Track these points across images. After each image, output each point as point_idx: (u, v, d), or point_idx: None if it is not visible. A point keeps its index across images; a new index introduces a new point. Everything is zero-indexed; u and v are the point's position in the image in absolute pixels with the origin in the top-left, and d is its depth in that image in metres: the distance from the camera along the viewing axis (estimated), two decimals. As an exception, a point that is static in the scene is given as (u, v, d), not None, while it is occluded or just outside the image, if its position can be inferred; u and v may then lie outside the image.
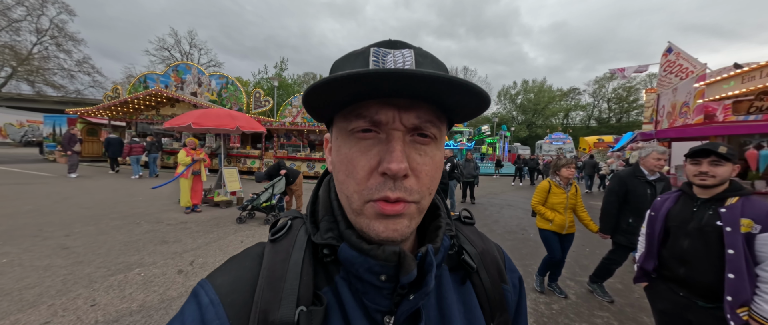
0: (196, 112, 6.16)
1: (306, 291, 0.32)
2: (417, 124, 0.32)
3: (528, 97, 45.74)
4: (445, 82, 0.27)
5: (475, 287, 0.42)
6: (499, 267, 0.46)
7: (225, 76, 14.21)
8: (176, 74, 14.17)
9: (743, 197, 1.33)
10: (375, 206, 0.32)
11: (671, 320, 1.51)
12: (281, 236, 0.38)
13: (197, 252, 3.72)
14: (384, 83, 0.27)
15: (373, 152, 0.32)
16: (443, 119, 0.34)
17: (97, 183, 8.35)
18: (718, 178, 1.36)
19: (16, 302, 2.42)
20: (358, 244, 0.33)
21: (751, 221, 1.26)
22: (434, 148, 0.34)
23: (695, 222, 1.41)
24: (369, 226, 0.33)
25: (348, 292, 0.35)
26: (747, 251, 1.26)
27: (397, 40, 0.36)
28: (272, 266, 0.34)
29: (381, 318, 0.34)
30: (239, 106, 13.57)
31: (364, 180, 0.32)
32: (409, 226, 0.33)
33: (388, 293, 0.34)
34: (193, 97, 13.08)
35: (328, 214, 0.38)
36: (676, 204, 1.53)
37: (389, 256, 0.32)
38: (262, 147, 12.51)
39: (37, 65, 24.82)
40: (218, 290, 0.33)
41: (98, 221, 4.77)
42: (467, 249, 0.43)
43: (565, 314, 2.66)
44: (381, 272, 0.33)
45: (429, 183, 0.34)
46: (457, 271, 0.42)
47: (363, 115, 0.32)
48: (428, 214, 0.42)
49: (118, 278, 2.94)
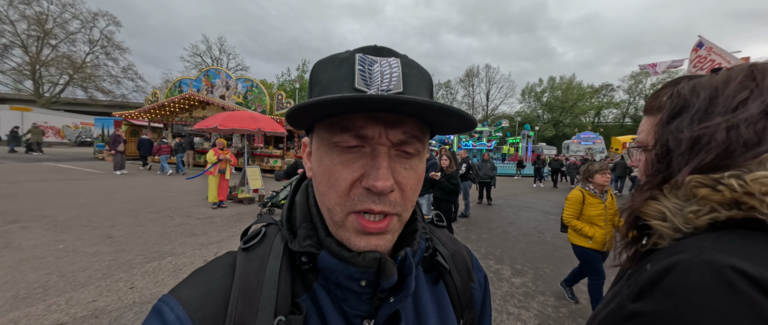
0: (223, 115, 6.61)
1: (284, 301, 0.32)
2: (402, 140, 0.32)
3: (555, 94, 43.64)
4: (436, 109, 0.27)
5: (447, 287, 0.43)
6: (468, 267, 0.47)
7: (250, 80, 14.99)
8: (207, 78, 15.15)
9: None
10: (357, 220, 0.32)
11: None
12: (255, 244, 0.37)
13: (221, 244, 4.04)
14: (375, 103, 0.27)
15: (357, 165, 0.32)
16: (427, 132, 0.35)
17: (137, 180, 9.19)
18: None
19: (70, 282, 2.80)
20: (338, 252, 0.33)
21: None
22: (418, 161, 0.34)
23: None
24: (350, 240, 0.32)
25: (327, 299, 0.35)
26: None
27: (382, 47, 0.35)
28: (246, 276, 0.33)
29: (360, 322, 0.34)
30: (263, 108, 14.26)
31: (346, 192, 0.32)
32: (392, 240, 0.34)
33: (367, 297, 0.34)
34: (222, 100, 13.93)
35: (306, 221, 0.37)
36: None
37: (370, 262, 0.32)
38: (284, 147, 13.06)
39: (90, 72, 27.58)
40: (186, 305, 0.31)
41: (138, 213, 5.30)
42: (440, 251, 0.44)
43: (572, 318, 2.61)
44: (361, 278, 0.33)
45: (412, 196, 0.34)
46: (430, 272, 0.43)
47: (349, 128, 0.31)
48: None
49: (153, 265, 3.29)
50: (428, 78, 0.37)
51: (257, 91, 14.56)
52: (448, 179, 4.37)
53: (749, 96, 0.40)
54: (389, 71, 0.32)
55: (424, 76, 0.36)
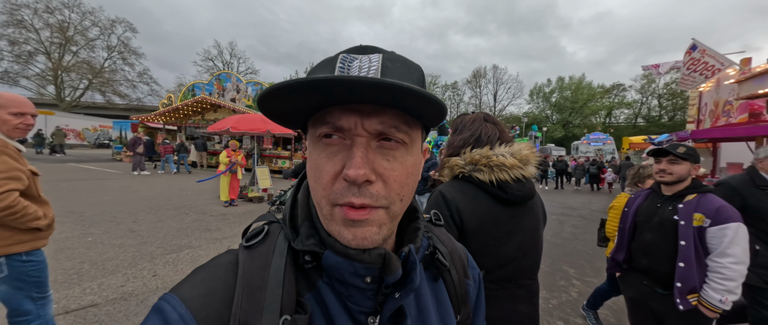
0: (234, 118, 6.95)
1: (289, 299, 0.31)
2: (380, 130, 0.32)
3: (564, 95, 43.02)
4: (383, 87, 0.27)
5: (446, 284, 0.45)
6: (464, 265, 0.49)
7: (260, 83, 15.43)
8: (218, 82, 15.68)
9: (700, 194, 1.44)
10: (341, 211, 0.31)
11: (638, 307, 1.64)
12: (258, 243, 0.36)
13: (233, 239, 4.31)
14: (337, 90, 0.27)
15: (338, 158, 0.32)
16: (414, 124, 0.34)
17: (155, 179, 9.64)
18: (675, 175, 1.48)
19: (100, 270, 3.10)
20: (343, 250, 0.32)
21: (702, 216, 1.38)
22: (405, 153, 0.34)
23: (658, 217, 1.53)
24: (340, 234, 0.32)
25: (332, 296, 0.35)
26: (698, 242, 1.38)
27: (368, 46, 0.36)
28: (250, 275, 0.33)
29: (365, 319, 0.34)
30: (272, 111, 14.67)
31: (330, 185, 0.32)
32: (380, 232, 0.33)
33: (372, 293, 0.35)
34: (232, 103, 14.41)
35: (307, 219, 0.37)
36: (645, 201, 1.65)
37: (375, 259, 0.33)
38: (292, 148, 13.41)
39: (108, 77, 28.75)
40: (188, 304, 0.30)
41: (157, 210, 5.64)
42: (440, 249, 0.46)
43: (562, 309, 2.74)
44: (366, 275, 0.33)
45: (399, 189, 0.33)
46: (430, 269, 0.44)
47: (327, 121, 0.32)
48: (406, 216, 0.42)
49: (173, 256, 3.57)
50: (416, 71, 0.36)
51: (266, 94, 15.00)
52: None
53: (466, 128, 1.07)
54: (368, 65, 0.32)
55: (411, 69, 0.36)
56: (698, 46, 5.17)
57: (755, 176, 1.90)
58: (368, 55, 0.34)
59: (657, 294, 1.51)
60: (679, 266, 1.39)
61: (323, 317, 0.34)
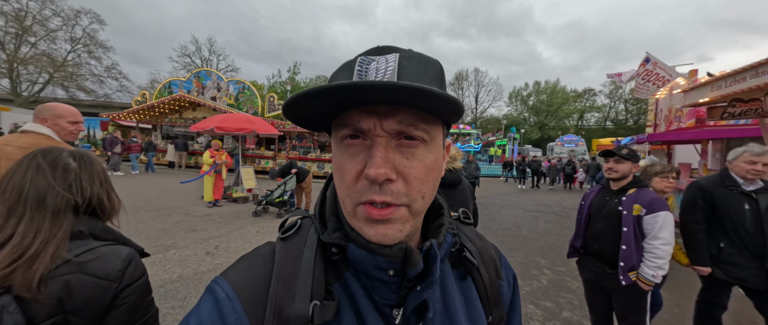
0: (218, 117, 6.85)
1: (318, 287, 0.34)
2: (399, 129, 0.32)
3: (540, 98, 45.18)
4: (396, 89, 0.27)
5: (475, 283, 0.44)
6: (496, 265, 0.48)
7: (242, 82, 15.10)
8: (198, 80, 15.17)
9: (639, 188, 1.74)
10: (364, 210, 0.33)
11: (592, 286, 1.92)
12: (291, 235, 0.39)
13: (220, 239, 4.32)
14: (354, 95, 0.29)
15: (360, 158, 0.33)
16: (433, 120, 0.34)
17: (131, 180, 9.23)
18: (619, 172, 1.77)
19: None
20: (365, 244, 0.34)
21: (640, 206, 1.67)
22: (425, 150, 0.34)
23: (606, 208, 1.82)
24: (362, 230, 0.34)
25: (359, 287, 0.36)
26: (637, 228, 1.67)
27: (385, 46, 0.36)
28: (285, 263, 0.35)
29: (390, 311, 0.36)
30: (255, 110, 14.40)
31: (353, 184, 0.33)
32: (402, 230, 0.34)
33: (395, 287, 0.36)
34: (213, 102, 14.01)
35: (333, 215, 0.39)
36: (597, 195, 1.94)
37: (396, 252, 0.34)
38: (275, 148, 13.25)
39: (71, 71, 26.82)
40: (233, 286, 0.34)
41: (137, 212, 5.48)
42: (468, 247, 0.45)
43: (533, 295, 3.04)
44: (389, 268, 0.34)
45: (419, 186, 0.34)
46: (458, 267, 0.44)
47: (347, 123, 0.33)
48: (431, 213, 0.43)
49: (160, 256, 3.55)
50: (435, 67, 0.37)
51: (249, 93, 14.69)
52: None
53: None
54: (384, 66, 0.33)
55: (428, 65, 0.36)
56: (651, 58, 5.80)
57: (725, 177, 1.98)
58: (385, 55, 0.35)
59: (606, 273, 1.79)
60: (622, 249, 1.68)
61: (350, 306, 0.36)
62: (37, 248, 0.62)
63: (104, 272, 0.66)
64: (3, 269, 0.58)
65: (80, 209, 0.74)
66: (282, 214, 5.85)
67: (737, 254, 1.85)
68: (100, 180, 0.80)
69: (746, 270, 1.80)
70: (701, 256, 1.95)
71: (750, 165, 1.86)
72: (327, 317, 0.32)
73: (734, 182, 1.92)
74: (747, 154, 1.89)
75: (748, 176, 1.87)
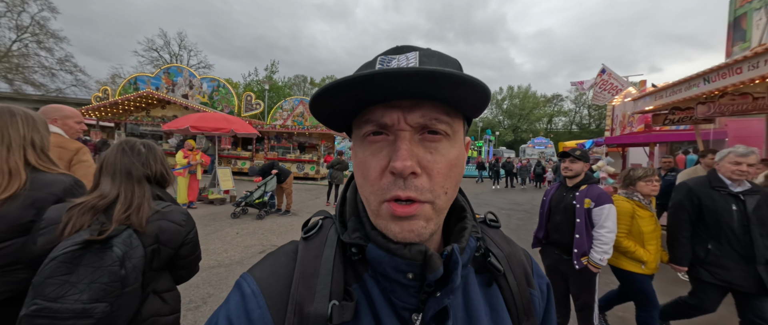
0: (194, 116, 6.61)
1: (337, 287, 0.34)
2: (423, 123, 0.32)
3: (513, 102, 47.51)
4: (424, 75, 0.27)
5: (502, 290, 0.42)
6: (526, 271, 0.46)
7: (216, 80, 14.55)
8: (167, 76, 14.40)
9: (589, 185, 2.01)
10: (389, 208, 0.33)
11: (552, 272, 2.17)
12: (312, 235, 0.40)
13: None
14: (379, 86, 0.29)
15: (383, 154, 0.33)
16: (455, 115, 0.35)
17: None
18: (573, 171, 2.04)
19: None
20: (384, 244, 0.34)
21: (590, 200, 1.94)
22: (448, 145, 0.34)
23: (563, 203, 2.08)
24: (387, 228, 0.34)
25: (377, 290, 0.36)
26: (587, 219, 1.93)
27: (404, 46, 0.36)
28: (305, 262, 0.36)
29: (409, 316, 0.35)
30: (230, 109, 13.92)
31: (377, 180, 0.33)
32: (427, 227, 0.33)
33: (415, 291, 0.35)
34: (185, 100, 13.35)
35: (354, 215, 0.39)
36: (556, 191, 2.20)
37: (415, 255, 0.33)
38: (253, 149, 12.90)
39: (17, 63, 24.24)
40: (258, 282, 0.36)
41: (101, 215, 5.17)
42: (494, 252, 0.43)
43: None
44: (408, 271, 0.34)
45: (442, 181, 0.34)
46: (483, 273, 0.42)
47: (370, 119, 0.33)
48: (454, 216, 0.42)
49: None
50: (455, 64, 0.37)
51: (224, 91, 14.19)
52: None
53: None
54: (405, 62, 0.33)
55: (448, 62, 0.36)
56: (606, 70, 6.46)
57: (713, 178, 1.96)
58: (405, 53, 0.35)
59: (563, 260, 2.05)
60: (576, 238, 1.93)
61: (368, 307, 0.36)
62: (139, 202, 0.96)
63: (177, 221, 1.03)
64: (123, 215, 0.92)
65: (151, 179, 1.07)
66: (262, 215, 5.77)
67: (724, 256, 1.85)
68: (160, 160, 1.12)
69: (733, 272, 1.81)
70: (680, 255, 1.99)
71: (735, 166, 1.86)
72: (345, 317, 0.32)
73: (722, 184, 1.91)
74: (732, 155, 1.88)
75: (734, 176, 1.87)
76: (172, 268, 1.08)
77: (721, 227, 1.87)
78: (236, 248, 4.12)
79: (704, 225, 1.96)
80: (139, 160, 1.05)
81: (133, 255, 0.88)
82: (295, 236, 4.91)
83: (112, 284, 0.81)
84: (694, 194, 1.98)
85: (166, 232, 0.99)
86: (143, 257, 0.91)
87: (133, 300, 0.88)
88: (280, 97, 26.22)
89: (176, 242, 1.02)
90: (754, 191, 1.87)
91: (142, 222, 0.93)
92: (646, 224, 2.01)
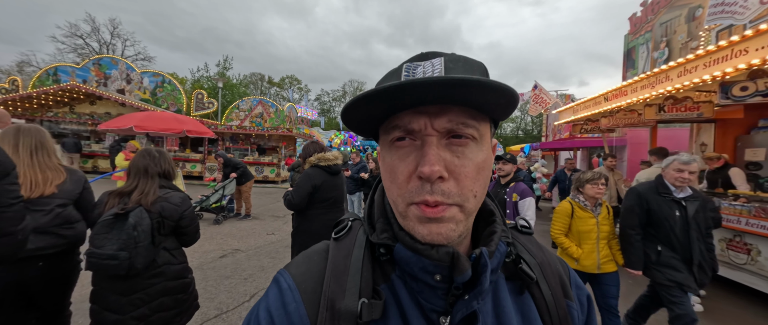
0: (139, 115, 6.07)
1: (366, 286, 0.35)
2: (449, 128, 0.33)
3: (468, 108, 51.00)
4: (450, 84, 0.28)
5: (535, 299, 0.41)
6: (562, 281, 0.44)
7: (160, 74, 13.27)
8: (98, 68, 12.72)
9: (516, 182, 2.51)
10: (417, 210, 0.33)
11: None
12: (342, 236, 0.42)
13: (149, 249, 3.96)
14: (406, 95, 0.30)
15: (411, 158, 0.34)
16: (482, 118, 0.35)
17: None
18: (504, 171, 2.52)
19: None
20: (412, 244, 0.34)
21: (516, 195, 2.42)
22: (475, 149, 0.35)
23: (498, 197, 2.55)
24: (414, 229, 0.34)
25: (405, 290, 0.37)
26: (515, 211, 2.41)
27: (429, 52, 0.37)
28: (336, 261, 0.38)
29: (437, 318, 0.35)
30: (178, 108, 12.81)
31: (405, 184, 0.34)
32: (455, 230, 0.34)
33: (442, 293, 0.35)
34: (120, 95, 11.93)
35: (382, 216, 0.40)
36: (493, 188, 2.68)
37: (443, 256, 0.33)
38: (204, 151, 12.03)
39: None
40: (294, 278, 0.38)
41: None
42: (525, 258, 0.42)
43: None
44: (435, 272, 0.34)
45: (471, 185, 0.34)
46: (514, 280, 0.42)
47: (398, 125, 0.34)
48: (483, 220, 0.42)
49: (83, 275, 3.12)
50: (479, 68, 0.37)
51: (170, 87, 13.00)
52: (375, 179, 5.28)
53: (310, 148, 2.45)
54: (431, 69, 0.34)
55: (473, 67, 0.37)
56: (538, 85, 7.63)
57: (660, 184, 2.07)
58: (430, 60, 0.36)
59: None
60: (506, 224, 2.39)
61: (396, 307, 0.36)
62: (148, 190, 1.43)
63: (175, 202, 1.48)
64: (137, 198, 1.39)
65: (161, 174, 1.53)
66: (219, 220, 5.55)
67: (673, 258, 1.97)
68: (168, 162, 1.59)
69: (683, 273, 1.95)
70: (633, 259, 2.06)
71: (678, 173, 1.96)
72: (374, 315, 0.33)
73: (667, 190, 2.02)
74: (676, 163, 1.98)
75: (677, 183, 1.97)
76: (177, 234, 1.54)
77: (666, 231, 1.99)
78: (194, 253, 3.97)
79: (653, 229, 2.06)
80: (152, 161, 1.51)
81: (142, 224, 1.34)
82: (259, 240, 4.90)
83: (129, 241, 1.28)
84: (643, 199, 2.09)
85: (167, 209, 1.45)
86: (150, 225, 1.36)
87: (146, 252, 1.34)
88: (235, 96, 24.64)
89: (175, 217, 1.47)
90: (695, 197, 2.01)
91: (148, 203, 1.40)
92: (583, 225, 2.14)
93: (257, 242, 4.62)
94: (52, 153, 1.53)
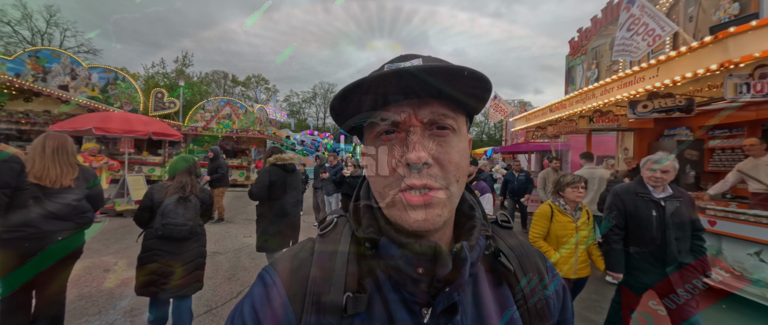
0: (97, 115, 5.69)
1: (351, 280, 0.37)
2: (432, 119, 0.36)
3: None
4: (432, 71, 0.30)
5: (512, 290, 0.43)
6: (540, 272, 0.45)
7: (112, 70, 12.18)
8: (35, 62, 11.32)
9: (477, 181, 2.98)
10: (403, 197, 0.35)
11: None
12: (328, 232, 0.43)
13: (119, 255, 3.82)
14: (389, 86, 0.32)
15: (398, 149, 0.36)
16: (459, 111, 0.38)
17: None
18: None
19: None
20: (396, 238, 0.36)
21: (478, 192, 2.89)
22: (455, 139, 0.38)
23: (463, 194, 2.99)
24: (401, 217, 0.36)
25: (388, 283, 0.38)
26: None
27: (408, 54, 0.39)
28: (321, 256, 0.39)
29: (419, 310, 0.37)
30: (133, 107, 11.86)
31: (392, 173, 0.36)
32: (441, 215, 0.35)
33: (425, 285, 0.37)
34: (64, 92, 10.74)
35: (368, 212, 0.42)
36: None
37: (425, 249, 0.35)
38: (164, 153, 11.28)
39: None
40: (280, 274, 0.39)
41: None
42: (504, 251, 0.44)
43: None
44: (418, 265, 0.36)
45: (454, 171, 0.37)
46: (493, 272, 0.43)
47: (384, 118, 0.36)
48: (464, 215, 0.44)
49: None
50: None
51: (125, 86, 12.00)
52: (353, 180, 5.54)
53: (271, 150, 3.16)
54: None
55: (450, 64, 0.37)
56: (497, 95, 8.53)
57: (638, 184, 2.04)
58: (410, 60, 0.38)
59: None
60: (469, 217, 2.84)
61: (381, 300, 0.38)
62: (193, 183, 2.15)
63: (207, 192, 2.26)
64: (189, 188, 2.09)
65: (192, 173, 2.18)
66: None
67: (643, 260, 1.95)
68: (195, 165, 2.22)
69: (651, 276, 1.93)
70: (614, 261, 2.04)
71: (650, 172, 1.95)
72: (359, 308, 0.35)
73: (645, 190, 1.99)
74: (649, 163, 1.97)
75: (651, 182, 1.96)
76: (203, 214, 2.20)
77: (642, 232, 1.95)
78: (169, 258, 3.92)
79: (628, 230, 2.04)
80: (190, 165, 2.18)
81: (194, 203, 2.08)
82: (236, 243, 5.02)
83: (188, 214, 2.01)
84: (620, 200, 2.06)
85: (205, 196, 2.20)
86: (196, 205, 2.09)
87: (195, 224, 2.04)
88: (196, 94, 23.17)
89: (208, 202, 2.23)
90: (675, 197, 1.95)
91: (196, 191, 2.12)
92: (562, 229, 2.08)
93: (235, 245, 4.63)
94: (71, 153, 1.95)
